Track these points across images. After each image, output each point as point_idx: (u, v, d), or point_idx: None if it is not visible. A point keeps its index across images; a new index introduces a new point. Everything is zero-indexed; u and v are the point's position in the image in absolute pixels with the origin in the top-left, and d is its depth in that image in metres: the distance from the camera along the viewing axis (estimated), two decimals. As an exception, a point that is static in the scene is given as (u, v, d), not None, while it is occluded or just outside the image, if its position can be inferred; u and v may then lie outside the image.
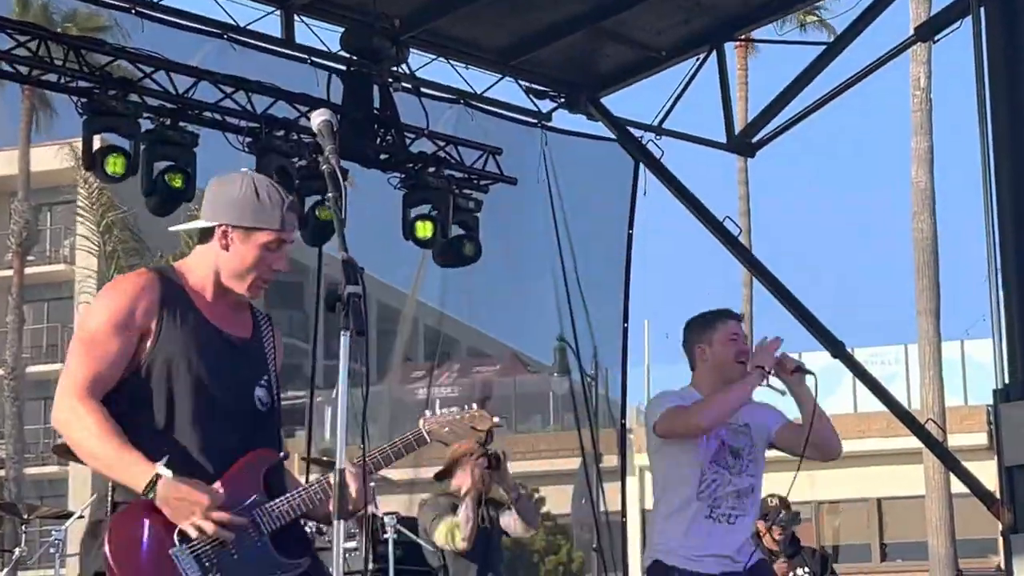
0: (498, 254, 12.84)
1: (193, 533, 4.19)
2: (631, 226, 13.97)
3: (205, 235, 4.51)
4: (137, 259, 29.64)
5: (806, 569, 10.25)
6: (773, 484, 7.98)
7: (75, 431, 4.32)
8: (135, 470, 4.23)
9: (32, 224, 35.33)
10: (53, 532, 8.08)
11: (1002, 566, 11.30)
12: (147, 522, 4.27)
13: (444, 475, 9.90)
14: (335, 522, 3.93)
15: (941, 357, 25.53)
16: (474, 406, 4.86)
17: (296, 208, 4.59)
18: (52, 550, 7.96)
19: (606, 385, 14.43)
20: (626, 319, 14.14)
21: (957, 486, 19.03)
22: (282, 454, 4.53)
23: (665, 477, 6.37)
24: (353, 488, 4.38)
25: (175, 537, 4.25)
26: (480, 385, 37.84)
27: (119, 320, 4.39)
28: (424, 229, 11.76)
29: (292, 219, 4.52)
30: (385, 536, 9.78)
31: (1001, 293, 11.72)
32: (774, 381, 6.21)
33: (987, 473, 13.65)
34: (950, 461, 14.74)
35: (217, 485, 4.24)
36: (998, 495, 11.53)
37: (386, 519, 9.85)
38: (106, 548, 4.28)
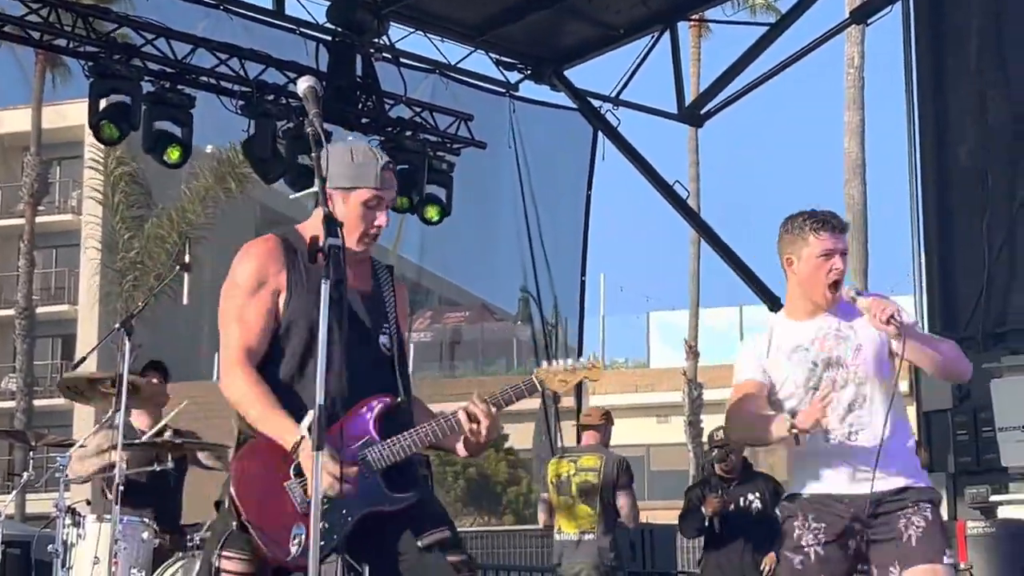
0: (469, 212, 12.83)
1: (331, 493, 4.17)
2: (590, 188, 14.06)
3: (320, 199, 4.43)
4: (143, 210, 29.54)
5: (756, 495, 10.05)
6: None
7: (233, 394, 4.41)
8: (284, 432, 4.27)
9: (43, 177, 35.08)
10: (58, 459, 7.99)
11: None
12: (266, 457, 4.36)
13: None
14: (315, 454, 3.89)
15: (868, 312, 25.63)
16: (592, 356, 4.68)
17: (392, 167, 4.59)
18: (57, 475, 7.89)
19: (565, 332, 14.45)
20: (584, 272, 14.24)
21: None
22: (398, 399, 4.49)
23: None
24: (484, 425, 4.46)
25: (291, 471, 4.33)
26: (451, 331, 37.87)
27: (256, 282, 4.45)
28: (404, 200, 11.75)
29: (389, 177, 4.52)
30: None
31: (923, 254, 11.82)
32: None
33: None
34: (874, 405, 14.83)
35: (336, 427, 4.18)
36: (916, 437, 11.63)
37: None
38: (231, 479, 4.41)
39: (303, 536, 4.22)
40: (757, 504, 9.86)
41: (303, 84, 4.21)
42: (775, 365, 5.15)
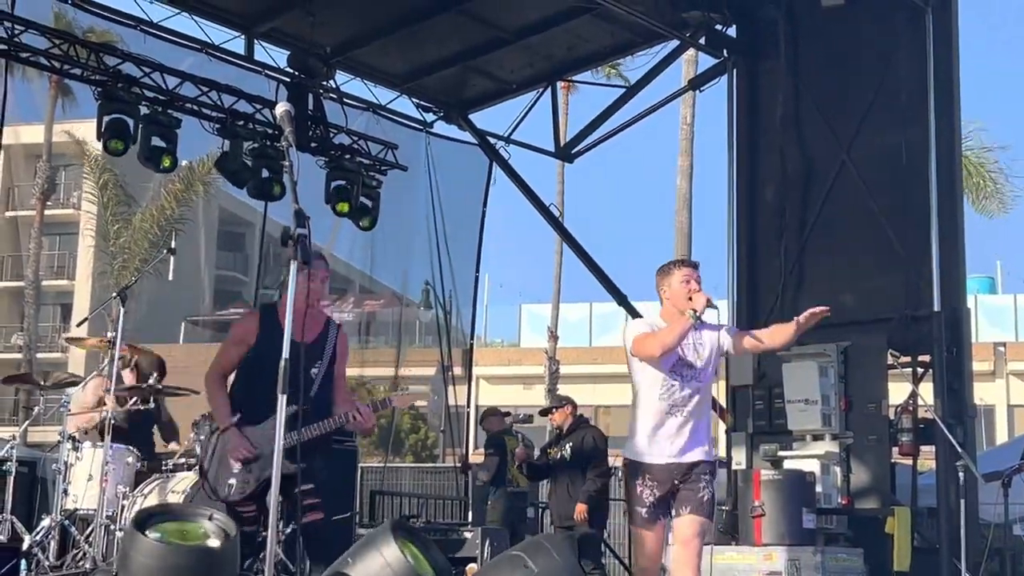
0: (390, 220, 12.71)
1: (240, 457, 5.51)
2: (484, 205, 14.03)
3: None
4: (124, 208, 29.15)
5: (570, 445, 10.15)
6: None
7: (206, 390, 5.68)
8: (222, 418, 5.59)
9: (51, 179, 34.35)
10: (62, 397, 7.83)
11: (723, 455, 11.52)
12: (223, 440, 5.57)
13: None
14: (280, 397, 3.83)
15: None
16: (414, 404, 5.65)
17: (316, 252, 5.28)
18: (61, 410, 7.73)
19: (458, 317, 14.41)
20: (478, 270, 14.23)
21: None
22: (305, 407, 5.22)
23: (639, 385, 5.84)
24: (361, 417, 5.54)
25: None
26: (368, 313, 37.53)
27: (236, 338, 5.73)
28: (343, 207, 11.62)
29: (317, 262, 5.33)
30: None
31: (736, 268, 11.98)
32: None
33: (718, 390, 13.89)
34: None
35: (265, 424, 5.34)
36: (724, 405, 11.78)
37: None
38: (204, 454, 5.73)
39: (233, 484, 5.47)
40: (567, 453, 9.99)
41: (281, 108, 4.14)
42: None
